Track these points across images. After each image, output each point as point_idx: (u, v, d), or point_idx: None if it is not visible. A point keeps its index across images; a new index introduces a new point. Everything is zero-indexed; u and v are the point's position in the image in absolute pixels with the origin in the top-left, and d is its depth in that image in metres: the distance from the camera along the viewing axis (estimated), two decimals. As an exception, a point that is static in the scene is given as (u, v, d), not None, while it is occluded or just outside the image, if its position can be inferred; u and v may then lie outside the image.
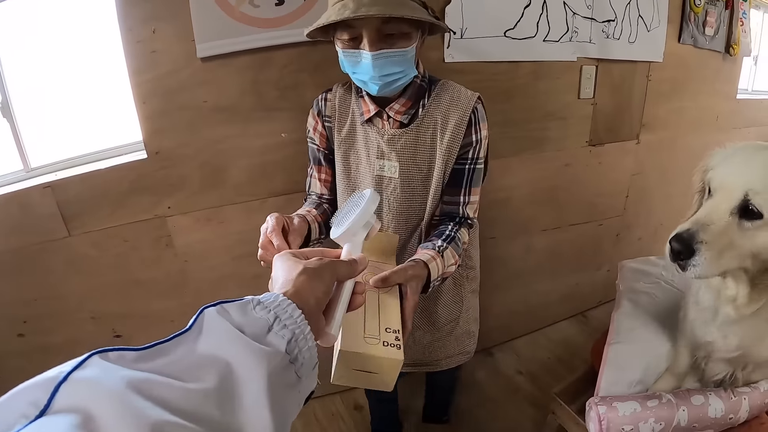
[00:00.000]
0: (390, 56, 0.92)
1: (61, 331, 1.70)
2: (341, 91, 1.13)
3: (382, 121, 1.06)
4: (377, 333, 0.64)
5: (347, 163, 1.12)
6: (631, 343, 1.40)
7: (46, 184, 1.52)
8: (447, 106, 1.05)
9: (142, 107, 1.43)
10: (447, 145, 1.04)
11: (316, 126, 1.13)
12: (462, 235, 1.05)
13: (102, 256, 1.57)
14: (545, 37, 1.70)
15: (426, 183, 1.08)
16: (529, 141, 1.74)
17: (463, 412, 1.80)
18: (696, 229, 0.81)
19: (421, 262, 0.85)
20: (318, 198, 1.17)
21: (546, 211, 1.86)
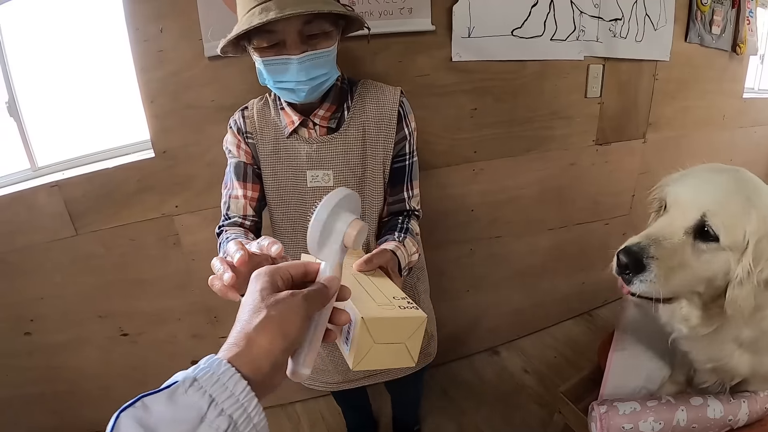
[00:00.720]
0: (315, 58, 0.89)
1: (68, 329, 1.70)
2: (258, 106, 1.07)
3: (308, 130, 1.02)
4: (388, 302, 0.59)
5: (276, 180, 1.05)
6: (635, 349, 1.40)
7: (53, 183, 1.52)
8: (373, 105, 1.02)
9: (149, 106, 1.43)
10: (382, 143, 1.02)
11: (240, 144, 1.05)
12: (414, 226, 1.05)
13: (109, 254, 1.57)
14: (552, 36, 1.69)
15: (362, 185, 1.04)
16: (535, 140, 1.74)
17: (469, 410, 1.79)
18: (647, 244, 0.76)
19: (388, 251, 0.83)
20: (241, 222, 1.02)
21: (552, 210, 1.85)
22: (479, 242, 1.78)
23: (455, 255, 1.77)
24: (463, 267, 1.81)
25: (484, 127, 1.64)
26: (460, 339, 1.95)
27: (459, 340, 1.95)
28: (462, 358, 1.98)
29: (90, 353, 1.73)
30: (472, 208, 1.71)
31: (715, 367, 1.02)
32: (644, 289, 0.76)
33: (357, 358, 0.54)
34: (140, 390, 0.37)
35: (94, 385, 1.79)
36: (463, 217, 1.72)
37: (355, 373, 1.21)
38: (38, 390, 1.84)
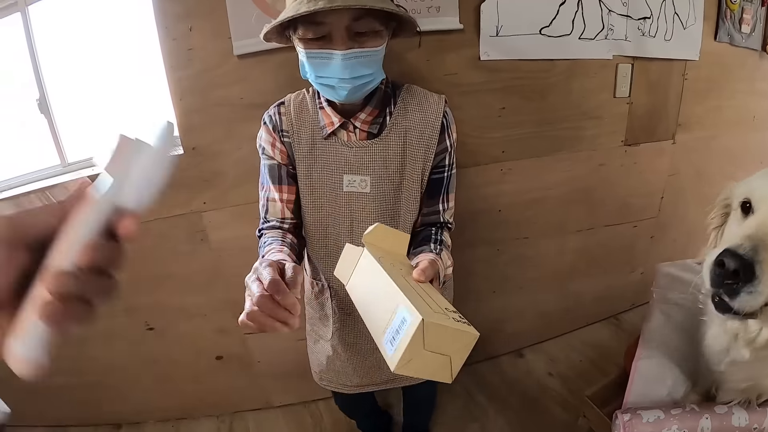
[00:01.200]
0: (361, 56, 0.85)
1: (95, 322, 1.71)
2: (296, 102, 1.03)
3: (348, 133, 0.99)
4: (441, 311, 0.55)
5: (311, 181, 1.02)
6: (660, 358, 1.36)
7: (83, 179, 1.54)
8: (416, 113, 0.99)
9: (178, 104, 1.44)
10: (423, 153, 0.99)
11: (275, 143, 1.01)
12: (446, 238, 1.02)
13: (136, 249, 1.57)
14: (581, 34, 1.67)
15: (398, 194, 1.01)
16: (564, 140, 1.72)
17: (493, 412, 1.78)
18: (755, 245, 0.63)
19: (436, 264, 0.80)
20: (280, 226, 1.03)
21: (580, 212, 1.83)
22: (506, 243, 1.76)
23: (482, 255, 1.76)
24: (490, 267, 1.79)
25: (513, 127, 1.62)
26: (485, 340, 1.90)
27: (484, 341, 1.89)
28: (487, 360, 1.97)
29: (117, 346, 1.75)
30: (499, 208, 1.70)
31: (749, 386, 0.99)
32: (752, 303, 0.63)
33: (402, 361, 0.50)
34: (166, 384, 0.36)
35: (120, 378, 1.81)
36: (491, 218, 1.70)
37: (374, 377, 1.20)
38: (65, 381, 1.86)
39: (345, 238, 1.03)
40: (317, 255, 1.10)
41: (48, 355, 0.33)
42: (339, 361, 1.19)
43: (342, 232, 1.04)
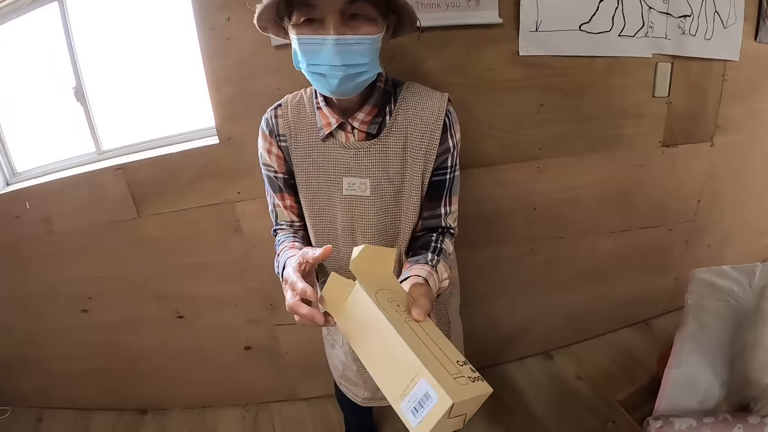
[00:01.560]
0: (355, 43, 0.81)
1: (125, 309, 1.74)
2: (293, 103, 1.00)
3: (346, 134, 0.95)
4: (457, 370, 0.56)
5: (310, 185, 0.99)
6: (693, 366, 1.36)
7: (117, 166, 1.55)
8: (417, 111, 0.94)
9: (215, 93, 1.44)
10: (423, 154, 0.94)
11: (270, 148, 1.00)
12: (447, 245, 0.97)
13: (169, 238, 1.59)
14: (621, 31, 1.63)
15: (399, 196, 0.97)
16: (601, 139, 1.68)
17: (520, 413, 1.76)
18: None
19: (423, 279, 0.79)
20: (290, 227, 1.06)
21: (615, 213, 1.79)
22: (541, 242, 1.73)
23: (516, 254, 1.74)
24: (523, 266, 1.77)
25: (550, 124, 1.59)
26: (515, 340, 1.91)
27: (513, 341, 1.91)
28: (515, 360, 1.94)
29: (145, 333, 1.76)
30: (535, 206, 1.67)
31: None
32: None
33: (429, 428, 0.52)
34: (194, 371, 0.36)
35: (147, 365, 1.83)
36: (526, 216, 1.68)
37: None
38: (92, 365, 1.89)
39: (348, 242, 1.01)
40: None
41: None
42: (349, 371, 1.18)
43: (344, 236, 1.01)
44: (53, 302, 1.78)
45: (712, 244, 2.05)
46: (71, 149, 1.72)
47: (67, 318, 1.79)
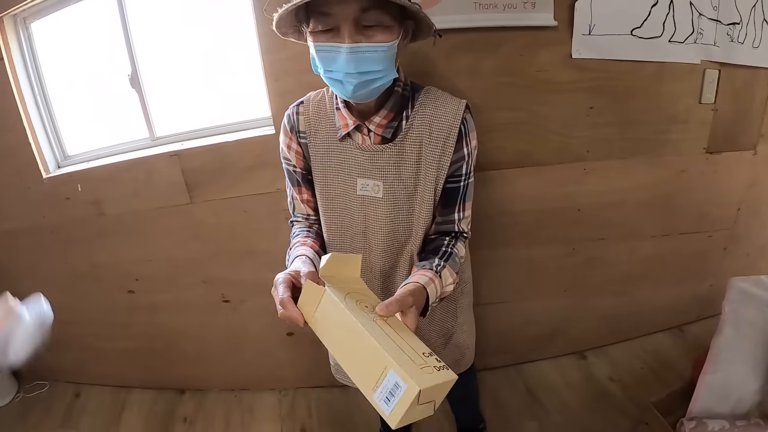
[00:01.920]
0: (368, 51, 0.82)
1: (171, 291, 1.78)
2: (314, 103, 1.03)
3: (362, 136, 0.97)
4: (423, 361, 0.62)
5: (326, 183, 1.02)
6: (727, 374, 1.37)
7: (173, 153, 1.59)
8: (433, 118, 0.95)
9: (273, 85, 1.47)
10: (437, 161, 0.95)
11: (291, 144, 1.03)
12: (458, 249, 0.98)
13: (220, 224, 1.63)
14: (671, 37, 1.63)
15: (412, 200, 0.99)
16: (648, 143, 1.68)
17: (551, 411, 1.78)
18: None
19: (420, 286, 0.81)
20: (306, 220, 1.10)
21: (657, 217, 1.79)
22: (582, 243, 1.75)
23: (557, 253, 1.75)
24: (563, 267, 1.78)
25: (599, 127, 1.60)
26: (550, 339, 1.93)
27: (549, 339, 1.93)
28: (549, 359, 1.96)
29: (190, 316, 1.81)
30: (579, 207, 1.68)
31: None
32: None
33: (402, 421, 0.58)
34: (235, 355, 0.39)
35: (190, 347, 1.87)
36: (570, 216, 1.69)
37: None
38: (134, 345, 1.94)
39: (360, 239, 1.04)
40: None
41: None
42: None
43: (357, 233, 1.04)
44: (99, 283, 1.83)
45: (751, 253, 2.05)
46: (124, 135, 1.76)
47: (113, 298, 1.84)
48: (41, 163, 1.71)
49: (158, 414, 1.92)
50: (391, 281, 1.08)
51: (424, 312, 0.83)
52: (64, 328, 2.00)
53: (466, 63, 1.46)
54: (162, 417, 1.91)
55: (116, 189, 1.66)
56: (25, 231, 1.83)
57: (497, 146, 1.55)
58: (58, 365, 2.11)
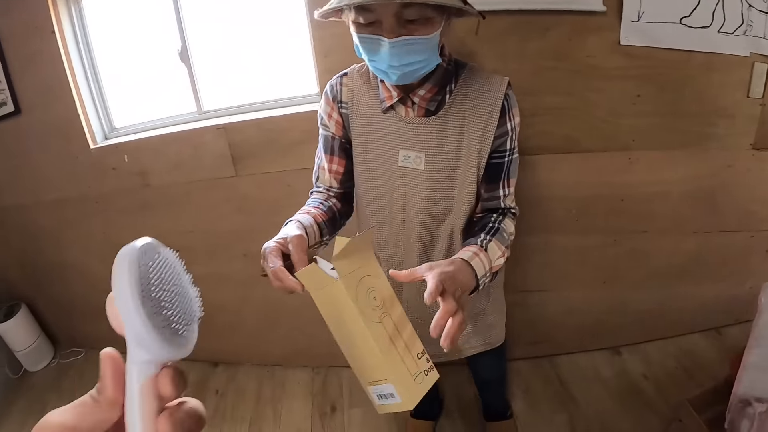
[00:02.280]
0: (410, 44, 0.82)
1: (211, 263, 1.81)
2: (358, 74, 1.03)
3: (406, 108, 0.98)
4: (416, 367, 0.64)
5: (367, 154, 1.03)
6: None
7: (220, 126, 1.62)
8: (476, 93, 0.96)
9: (322, 61, 1.49)
10: (480, 136, 0.96)
11: (331, 113, 1.04)
12: (507, 225, 0.98)
13: (264, 197, 1.65)
14: (720, 28, 1.60)
15: (453, 175, 0.99)
16: (694, 136, 1.65)
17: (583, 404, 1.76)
18: None
19: (458, 260, 0.80)
20: (326, 191, 1.09)
21: (700, 212, 1.75)
22: (624, 234, 1.72)
23: (598, 244, 1.73)
24: (604, 258, 1.75)
25: (646, 116, 1.58)
26: (586, 331, 1.91)
27: (585, 332, 1.91)
28: (584, 352, 1.93)
29: (228, 289, 1.83)
30: (622, 197, 1.66)
31: None
32: None
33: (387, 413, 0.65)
34: (270, 330, 0.38)
35: (226, 320, 1.90)
36: (612, 206, 1.66)
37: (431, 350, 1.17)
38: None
39: (399, 212, 1.04)
40: (369, 225, 1.10)
41: None
42: None
43: (395, 206, 1.04)
44: (141, 253, 1.87)
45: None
46: (172, 109, 1.80)
47: (152, 269, 1.88)
48: (89, 134, 1.76)
49: (190, 385, 1.90)
50: (430, 255, 1.08)
51: (475, 288, 0.82)
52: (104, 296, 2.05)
53: (513, 46, 1.45)
54: (193, 388, 1.94)
55: (162, 161, 1.70)
56: (70, 201, 1.88)
57: (542, 131, 1.54)
58: (95, 333, 2.16)
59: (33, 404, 2.02)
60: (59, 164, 1.83)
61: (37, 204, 1.93)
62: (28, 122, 1.77)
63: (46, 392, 2.07)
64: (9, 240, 2.06)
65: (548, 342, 1.91)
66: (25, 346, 2.10)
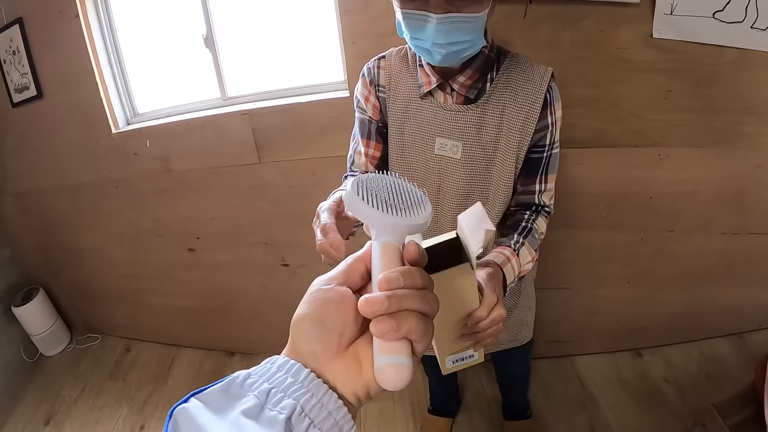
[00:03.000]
0: (457, 21, 0.78)
1: (231, 251, 1.80)
2: (396, 58, 1.00)
3: (445, 95, 0.94)
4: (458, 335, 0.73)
5: (403, 140, 1.00)
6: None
7: (244, 111, 1.60)
8: (518, 83, 0.92)
9: (350, 47, 1.47)
10: (520, 128, 0.93)
11: (369, 96, 1.01)
12: (539, 225, 0.96)
13: (288, 186, 1.63)
14: (753, 23, 1.56)
15: (490, 166, 0.96)
16: (724, 133, 1.61)
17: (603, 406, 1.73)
18: None
19: (496, 270, 0.79)
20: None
21: (728, 213, 1.71)
22: (651, 233, 1.68)
23: (625, 242, 1.69)
24: (629, 256, 1.72)
25: (676, 112, 1.54)
26: (608, 332, 1.87)
27: (607, 332, 1.87)
28: (605, 353, 1.90)
29: (248, 277, 1.82)
30: (651, 195, 1.62)
31: None
32: None
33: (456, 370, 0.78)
34: (288, 320, 0.38)
35: (245, 308, 1.89)
36: (640, 203, 1.62)
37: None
38: (190, 304, 1.97)
39: (432, 200, 1.01)
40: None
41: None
42: None
43: (430, 194, 0.97)
44: (161, 239, 1.86)
45: (823, 263, 1.94)
46: (195, 95, 1.80)
47: (173, 255, 1.87)
48: (111, 119, 1.77)
49: (206, 373, 1.95)
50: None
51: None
52: (122, 282, 2.06)
53: (546, 35, 1.43)
54: (210, 377, 1.93)
55: (185, 146, 1.70)
56: (90, 185, 1.89)
57: (571, 123, 1.50)
58: (111, 319, 2.17)
59: (47, 389, 2.02)
60: (80, 149, 1.83)
61: (57, 188, 1.93)
62: (50, 106, 1.77)
63: (61, 377, 2.07)
64: (29, 224, 2.07)
65: (570, 341, 1.87)
66: (41, 330, 2.11)
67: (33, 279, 2.18)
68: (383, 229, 0.37)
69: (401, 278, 0.33)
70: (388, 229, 0.37)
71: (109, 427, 1.83)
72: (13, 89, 1.80)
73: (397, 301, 0.32)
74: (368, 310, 0.33)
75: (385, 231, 0.37)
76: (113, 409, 1.91)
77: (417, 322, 0.32)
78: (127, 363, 2.07)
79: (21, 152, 1.90)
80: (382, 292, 0.33)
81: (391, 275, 0.33)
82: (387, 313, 0.32)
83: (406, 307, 0.32)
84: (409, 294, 0.33)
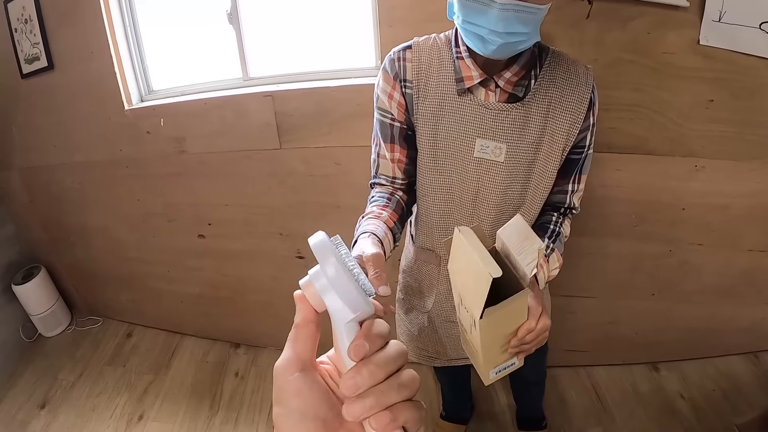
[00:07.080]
0: (521, 10, 0.73)
1: (244, 240, 1.73)
2: (426, 48, 0.90)
3: (487, 92, 0.87)
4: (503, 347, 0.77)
5: (435, 142, 0.91)
6: None
7: (267, 93, 1.53)
8: (563, 81, 0.88)
9: (386, 31, 1.41)
10: (566, 128, 0.88)
11: (393, 93, 0.90)
12: (565, 228, 0.94)
13: (310, 174, 1.56)
14: (798, 38, 1.51)
15: (531, 168, 0.91)
16: (761, 147, 1.55)
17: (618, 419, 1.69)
18: None
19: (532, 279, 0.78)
20: (390, 184, 0.97)
21: (756, 229, 1.65)
22: (680, 245, 1.63)
23: (653, 253, 1.64)
24: (656, 268, 1.67)
25: (716, 122, 1.49)
26: (626, 344, 1.83)
27: (624, 344, 1.83)
28: (622, 365, 1.86)
29: (260, 268, 1.76)
30: (683, 206, 1.57)
31: None
32: None
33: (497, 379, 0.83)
34: None
35: (255, 299, 1.83)
36: (672, 214, 1.57)
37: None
38: (196, 291, 1.91)
39: (468, 207, 0.95)
40: (431, 221, 1.00)
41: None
42: (434, 333, 1.12)
43: (465, 200, 0.94)
44: (171, 223, 1.80)
45: None
46: (215, 73, 1.72)
47: (182, 240, 1.81)
48: (125, 95, 1.69)
49: (209, 364, 1.89)
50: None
51: None
52: (128, 265, 1.99)
53: (592, 34, 1.37)
54: (213, 368, 1.88)
55: (202, 127, 1.62)
56: (100, 163, 1.82)
57: (611, 127, 1.45)
58: (114, 303, 2.10)
59: (45, 371, 1.96)
60: (91, 125, 1.76)
61: (65, 165, 1.86)
62: (61, 79, 1.70)
63: (59, 359, 2.01)
64: (34, 201, 2.00)
65: (587, 351, 1.83)
66: (41, 310, 2.04)
67: (35, 257, 2.10)
68: (355, 312, 0.33)
69: (367, 345, 0.31)
70: (361, 312, 0.33)
71: (105, 415, 1.78)
72: (23, 59, 1.72)
73: (382, 398, 0.30)
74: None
75: (355, 316, 0.33)
76: (111, 396, 1.85)
77: (412, 411, 0.31)
78: (128, 349, 2.00)
79: (29, 126, 1.82)
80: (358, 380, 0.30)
81: (358, 344, 0.31)
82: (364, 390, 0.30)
83: (394, 401, 0.30)
84: (393, 387, 0.31)
